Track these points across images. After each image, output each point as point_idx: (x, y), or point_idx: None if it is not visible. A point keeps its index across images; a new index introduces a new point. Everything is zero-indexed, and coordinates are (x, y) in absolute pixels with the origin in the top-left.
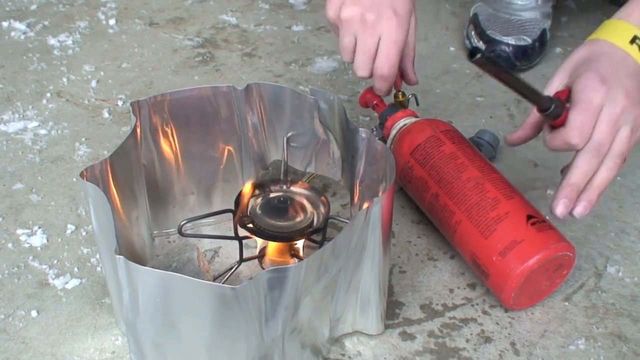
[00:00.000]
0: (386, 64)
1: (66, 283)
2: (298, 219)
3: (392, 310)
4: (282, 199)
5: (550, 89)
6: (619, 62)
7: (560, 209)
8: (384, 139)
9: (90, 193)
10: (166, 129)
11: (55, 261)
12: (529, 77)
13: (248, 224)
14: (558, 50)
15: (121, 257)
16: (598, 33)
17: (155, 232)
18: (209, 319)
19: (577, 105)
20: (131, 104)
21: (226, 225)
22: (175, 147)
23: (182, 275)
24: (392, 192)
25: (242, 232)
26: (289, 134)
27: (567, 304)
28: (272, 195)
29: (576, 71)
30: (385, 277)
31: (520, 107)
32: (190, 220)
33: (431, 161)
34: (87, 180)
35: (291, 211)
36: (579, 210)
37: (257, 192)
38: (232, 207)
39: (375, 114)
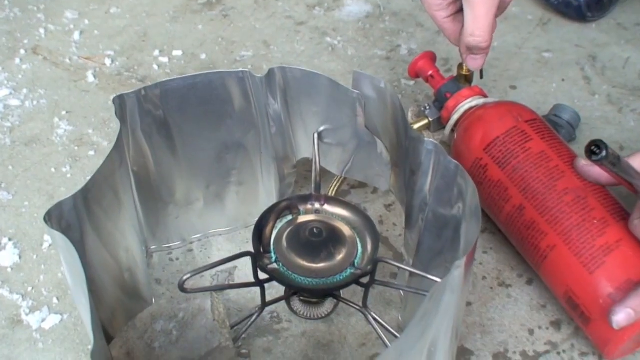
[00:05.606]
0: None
1: (43, 320)
2: (338, 258)
3: None
4: (315, 230)
5: None
6: None
7: (621, 318)
8: (441, 122)
9: (59, 244)
10: (161, 127)
11: (30, 288)
12: (601, 26)
13: (270, 265)
14: None
15: None
16: None
17: (153, 247)
18: None
19: None
20: (114, 101)
21: (242, 234)
22: (175, 148)
23: None
24: (474, 250)
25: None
26: (322, 128)
27: None
28: (301, 219)
29: None
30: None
31: (597, 67)
32: (194, 273)
33: (514, 162)
34: (53, 225)
35: (328, 247)
36: None
37: (282, 213)
38: (249, 218)
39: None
